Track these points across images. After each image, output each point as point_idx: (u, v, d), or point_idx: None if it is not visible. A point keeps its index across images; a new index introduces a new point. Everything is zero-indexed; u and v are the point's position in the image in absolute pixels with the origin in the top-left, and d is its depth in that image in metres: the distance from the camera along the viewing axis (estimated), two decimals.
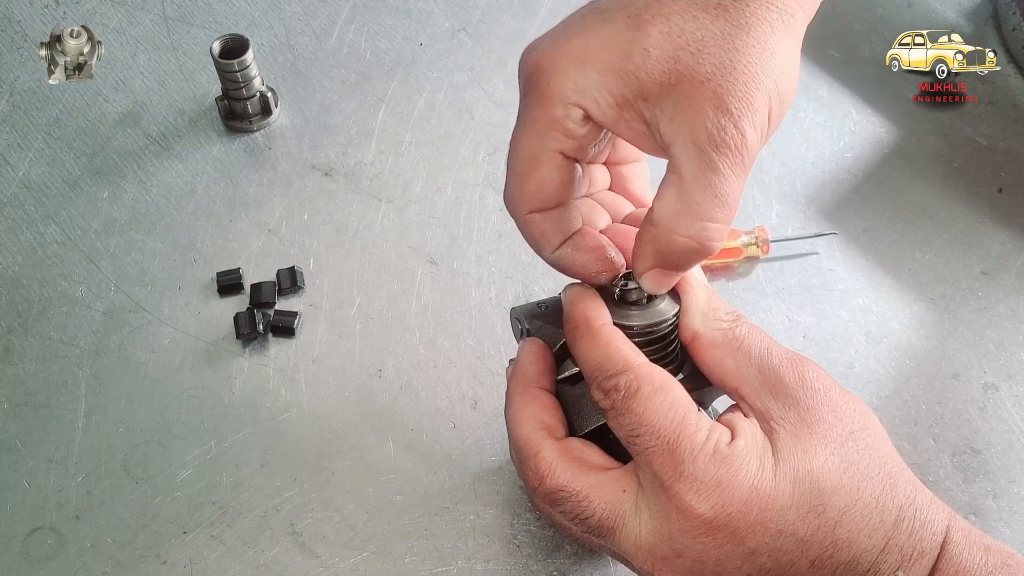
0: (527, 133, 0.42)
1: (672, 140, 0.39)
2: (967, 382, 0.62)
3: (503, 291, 0.64)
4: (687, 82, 0.38)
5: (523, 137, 0.42)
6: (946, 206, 0.69)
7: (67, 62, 0.65)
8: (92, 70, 0.65)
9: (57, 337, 0.61)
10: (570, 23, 0.41)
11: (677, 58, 0.38)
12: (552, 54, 0.40)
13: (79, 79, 0.66)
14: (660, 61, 0.38)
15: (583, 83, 0.39)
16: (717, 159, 0.38)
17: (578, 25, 0.40)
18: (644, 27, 0.39)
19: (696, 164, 0.39)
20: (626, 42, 0.39)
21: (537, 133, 0.41)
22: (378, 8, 0.77)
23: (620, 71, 0.39)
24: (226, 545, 0.54)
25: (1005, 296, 0.65)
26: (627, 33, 0.39)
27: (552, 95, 0.40)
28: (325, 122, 0.71)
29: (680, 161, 0.39)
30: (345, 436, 0.58)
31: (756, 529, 0.39)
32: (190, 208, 0.67)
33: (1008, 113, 0.74)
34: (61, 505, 0.55)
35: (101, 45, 0.67)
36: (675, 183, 0.39)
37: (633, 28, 0.39)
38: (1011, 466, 0.59)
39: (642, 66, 0.38)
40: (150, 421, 0.58)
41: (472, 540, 0.55)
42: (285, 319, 0.61)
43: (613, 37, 0.39)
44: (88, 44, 0.65)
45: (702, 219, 0.39)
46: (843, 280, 0.66)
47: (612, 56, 0.39)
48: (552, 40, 0.41)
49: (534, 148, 0.42)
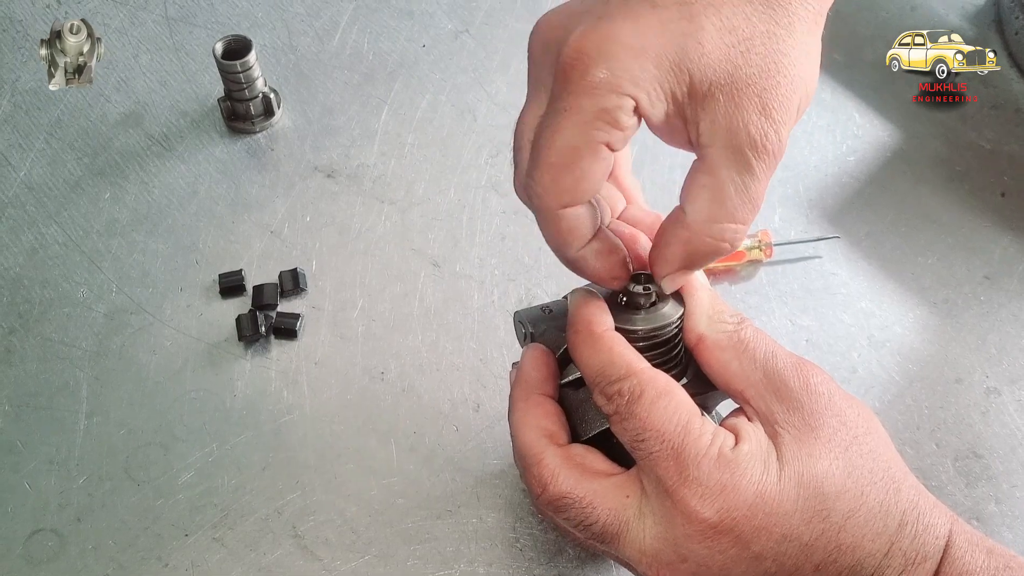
0: (568, 123, 0.38)
1: (711, 141, 0.38)
2: (969, 386, 0.62)
3: (506, 294, 0.64)
4: (735, 83, 0.37)
5: (563, 126, 0.38)
6: (949, 210, 0.69)
7: (67, 63, 0.63)
8: (92, 73, 0.64)
9: (58, 338, 0.61)
10: (611, 3, 0.38)
11: (728, 57, 0.37)
12: (600, 39, 0.37)
13: (79, 84, 0.64)
14: (714, 59, 0.37)
15: (638, 74, 0.37)
16: (755, 163, 0.38)
17: (623, 7, 0.37)
18: (698, 18, 0.37)
19: (735, 168, 0.38)
20: (680, 34, 0.37)
21: (582, 124, 0.38)
22: (381, 9, 0.77)
23: (675, 66, 0.37)
24: (228, 548, 0.54)
25: (1008, 300, 0.65)
26: (681, 23, 0.37)
27: (603, 83, 0.37)
28: (328, 123, 0.71)
29: (717, 163, 0.38)
30: (347, 439, 0.58)
31: (761, 533, 0.39)
32: (192, 209, 0.67)
33: (1011, 117, 0.74)
34: (62, 507, 0.55)
35: (100, 43, 0.66)
36: (710, 185, 0.38)
37: (687, 18, 0.37)
38: (1013, 471, 0.59)
39: (697, 63, 0.37)
40: (152, 423, 0.58)
41: (475, 544, 0.55)
42: (287, 321, 0.61)
43: (667, 27, 0.37)
44: (88, 41, 0.64)
45: (735, 221, 0.39)
46: (846, 284, 0.66)
47: (667, 48, 0.37)
48: (594, 22, 0.37)
49: (576, 139, 0.38)
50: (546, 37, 0.39)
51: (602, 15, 0.37)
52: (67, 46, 0.63)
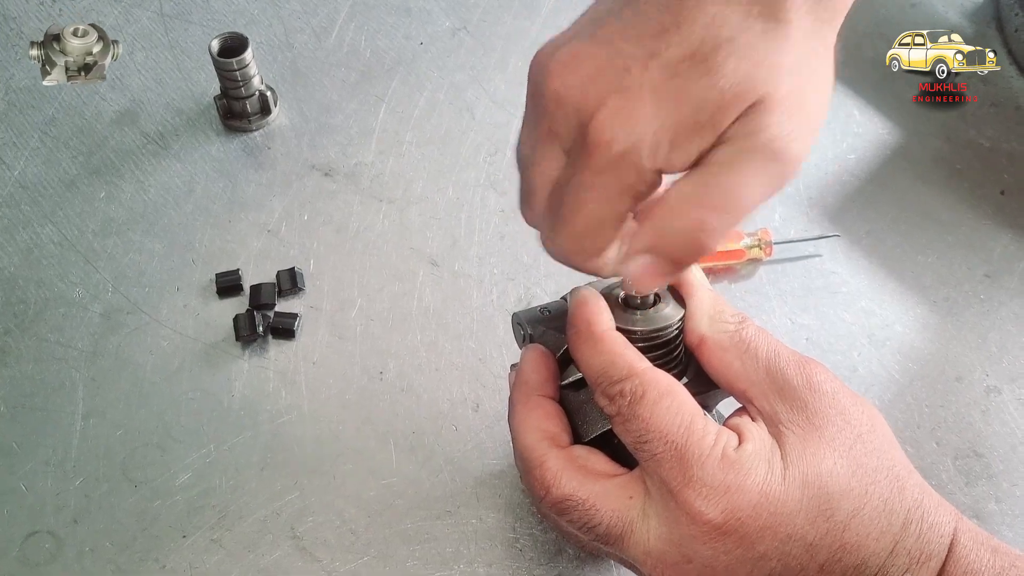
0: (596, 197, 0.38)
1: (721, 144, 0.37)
2: (970, 385, 0.62)
3: (505, 293, 0.64)
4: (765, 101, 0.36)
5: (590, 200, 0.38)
6: (949, 208, 0.69)
7: (69, 62, 0.62)
8: (104, 70, 0.62)
9: (54, 339, 0.60)
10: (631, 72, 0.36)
11: (755, 87, 0.36)
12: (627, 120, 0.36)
13: (86, 81, 0.62)
14: (736, 97, 0.36)
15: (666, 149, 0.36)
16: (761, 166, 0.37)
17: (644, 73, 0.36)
18: (717, 70, 0.36)
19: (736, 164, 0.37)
20: (699, 90, 0.36)
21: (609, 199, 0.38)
22: (378, 6, 0.77)
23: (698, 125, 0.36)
24: (226, 549, 0.54)
25: (1008, 299, 0.65)
26: (702, 80, 0.36)
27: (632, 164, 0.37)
28: (325, 122, 0.71)
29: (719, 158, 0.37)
30: (346, 439, 0.58)
31: (766, 534, 0.39)
32: (188, 208, 0.66)
33: (1011, 115, 0.74)
34: (59, 509, 0.55)
35: (118, 44, 0.64)
36: (703, 173, 0.37)
37: (707, 73, 0.36)
38: (1014, 469, 0.58)
39: (717, 110, 0.36)
40: (149, 424, 0.58)
41: (474, 544, 0.54)
42: (285, 321, 0.61)
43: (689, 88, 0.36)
44: (99, 44, 0.62)
45: (715, 210, 0.37)
46: (846, 283, 0.65)
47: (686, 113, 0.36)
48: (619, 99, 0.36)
49: (603, 212, 0.38)
50: (561, 94, 0.37)
51: (623, 86, 0.36)
52: (69, 47, 0.62)
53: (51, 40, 0.62)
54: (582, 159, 0.37)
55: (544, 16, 0.77)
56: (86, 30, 0.62)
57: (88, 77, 0.63)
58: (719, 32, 0.36)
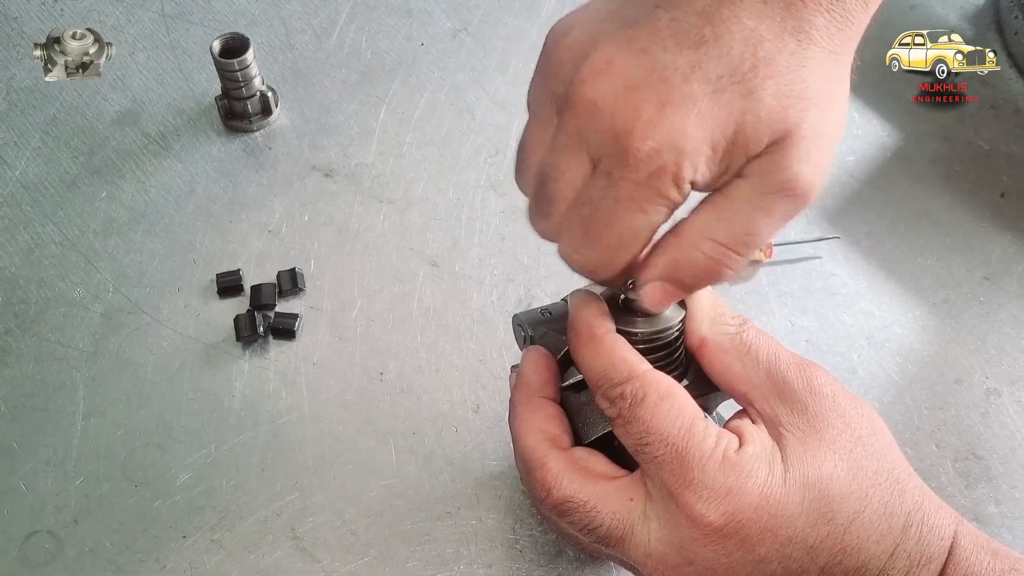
0: (629, 209, 0.38)
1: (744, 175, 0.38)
2: (969, 387, 0.62)
3: (505, 294, 0.64)
4: (789, 137, 0.37)
5: (623, 212, 0.38)
6: (948, 210, 0.69)
7: (68, 61, 0.63)
8: (100, 68, 0.64)
9: (55, 339, 0.60)
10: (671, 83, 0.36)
11: (786, 118, 0.36)
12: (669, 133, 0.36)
13: (84, 77, 0.64)
14: (770, 127, 0.36)
15: (701, 164, 0.37)
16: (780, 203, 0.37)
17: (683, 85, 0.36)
18: (756, 92, 0.36)
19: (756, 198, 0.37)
20: (739, 112, 0.36)
21: (644, 210, 0.38)
22: (379, 8, 0.77)
23: (733, 145, 0.36)
24: (226, 550, 0.54)
25: (1007, 301, 0.65)
26: (741, 102, 0.36)
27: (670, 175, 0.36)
28: (325, 122, 0.71)
29: (739, 191, 0.38)
30: (346, 440, 0.58)
31: (766, 536, 0.39)
32: (189, 208, 0.66)
33: (1010, 117, 0.74)
34: (59, 509, 0.55)
35: (111, 46, 0.66)
36: (721, 205, 0.38)
37: (745, 95, 0.36)
38: (1013, 472, 0.59)
39: (753, 136, 0.36)
40: (149, 424, 0.58)
41: (474, 545, 0.54)
42: (285, 321, 0.61)
43: (726, 109, 0.36)
44: (95, 45, 0.64)
45: (725, 243, 0.38)
46: (845, 284, 0.66)
47: (726, 131, 0.36)
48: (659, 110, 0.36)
49: (637, 223, 0.38)
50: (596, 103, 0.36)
51: (665, 98, 0.35)
52: (68, 48, 0.63)
53: (52, 42, 0.64)
54: (618, 170, 0.37)
55: (545, 17, 0.77)
56: (84, 33, 0.65)
57: (85, 74, 0.65)
58: (756, 50, 0.36)
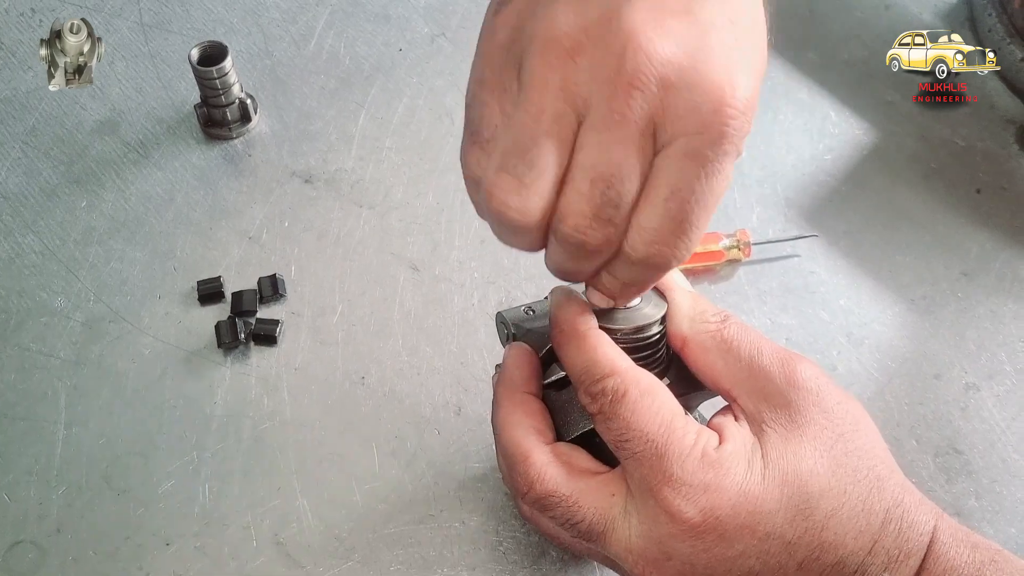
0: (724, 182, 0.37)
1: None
2: (948, 383, 0.62)
3: (486, 296, 0.64)
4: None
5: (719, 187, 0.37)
6: (926, 208, 0.70)
7: (67, 64, 0.64)
8: (92, 73, 0.64)
9: (36, 348, 0.60)
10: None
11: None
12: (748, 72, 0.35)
13: (79, 85, 0.64)
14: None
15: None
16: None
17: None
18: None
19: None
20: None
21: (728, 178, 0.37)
22: (357, 14, 0.77)
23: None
24: (210, 556, 0.54)
25: (985, 297, 0.66)
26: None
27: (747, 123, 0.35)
28: (305, 128, 0.71)
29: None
30: (328, 444, 0.58)
31: (744, 532, 0.40)
32: (169, 216, 0.66)
33: (985, 114, 0.74)
34: (42, 518, 0.55)
35: (101, 42, 0.66)
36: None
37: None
38: (993, 466, 0.59)
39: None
40: (131, 432, 0.58)
41: (457, 547, 0.55)
42: (267, 327, 0.61)
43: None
44: (88, 41, 0.64)
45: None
46: (825, 282, 0.66)
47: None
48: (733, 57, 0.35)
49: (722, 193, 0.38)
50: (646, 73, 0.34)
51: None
52: (67, 46, 0.63)
53: (55, 38, 0.64)
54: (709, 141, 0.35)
55: None
56: (79, 25, 0.64)
57: (80, 81, 0.65)
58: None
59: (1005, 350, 0.63)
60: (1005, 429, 0.60)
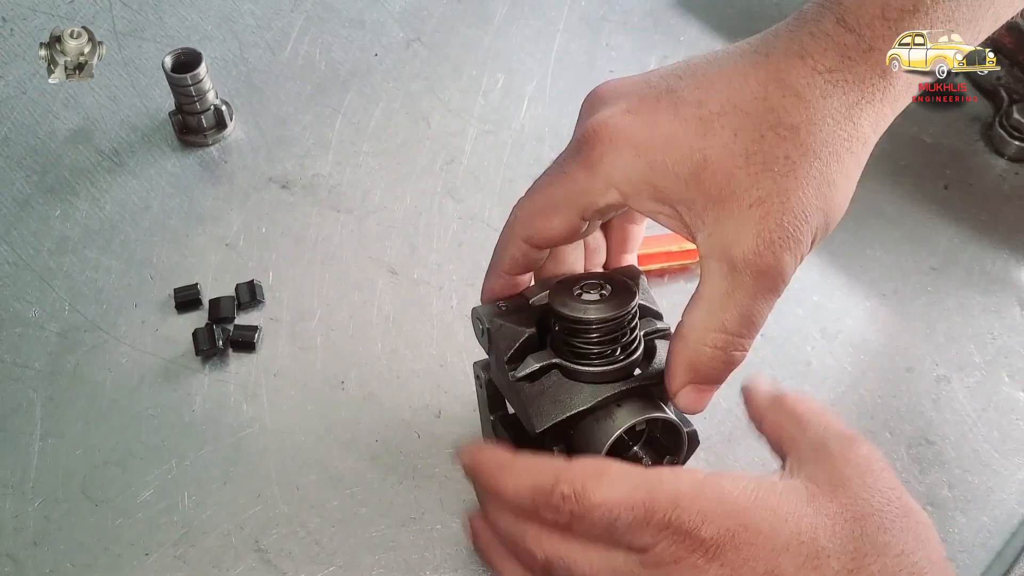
0: (560, 182, 0.42)
1: (707, 254, 0.39)
2: (920, 375, 0.63)
3: (464, 299, 0.64)
4: (735, 202, 0.38)
5: (554, 184, 0.43)
6: (895, 203, 0.71)
7: (67, 62, 0.65)
8: (92, 70, 0.66)
9: (10, 359, 0.60)
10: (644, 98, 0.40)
11: (732, 175, 0.38)
12: (614, 130, 0.40)
13: (79, 79, 0.66)
14: (716, 176, 0.38)
15: (632, 173, 0.39)
16: (750, 282, 0.39)
17: (651, 106, 0.40)
18: (712, 136, 0.38)
19: (727, 284, 0.39)
20: (689, 148, 0.38)
21: (569, 191, 0.42)
22: (332, 19, 0.77)
23: (674, 175, 0.38)
24: (190, 565, 0.53)
25: (954, 290, 0.67)
26: (694, 139, 0.38)
27: (600, 169, 0.40)
28: (281, 134, 0.71)
29: (712, 277, 0.39)
30: (308, 450, 0.58)
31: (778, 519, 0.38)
32: (145, 224, 0.66)
33: (951, 112, 0.76)
34: (18, 531, 0.54)
35: (103, 45, 0.67)
36: (706, 297, 0.40)
37: (701, 134, 0.38)
38: (965, 456, 0.60)
39: (696, 176, 0.38)
40: (108, 442, 0.57)
41: (439, 550, 0.55)
42: (245, 334, 0.61)
43: (679, 137, 0.38)
44: (89, 44, 0.66)
45: (727, 332, 0.40)
46: (797, 278, 0.65)
47: (672, 157, 0.38)
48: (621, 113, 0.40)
49: (558, 199, 0.42)
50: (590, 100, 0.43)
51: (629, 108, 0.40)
52: (67, 47, 0.64)
53: (54, 41, 0.65)
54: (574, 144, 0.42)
55: (496, 25, 0.78)
56: (80, 32, 0.66)
57: (80, 76, 0.66)
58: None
59: (975, 342, 0.64)
60: (976, 420, 0.61)
